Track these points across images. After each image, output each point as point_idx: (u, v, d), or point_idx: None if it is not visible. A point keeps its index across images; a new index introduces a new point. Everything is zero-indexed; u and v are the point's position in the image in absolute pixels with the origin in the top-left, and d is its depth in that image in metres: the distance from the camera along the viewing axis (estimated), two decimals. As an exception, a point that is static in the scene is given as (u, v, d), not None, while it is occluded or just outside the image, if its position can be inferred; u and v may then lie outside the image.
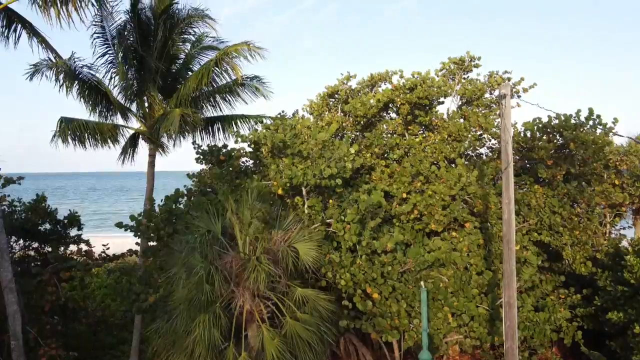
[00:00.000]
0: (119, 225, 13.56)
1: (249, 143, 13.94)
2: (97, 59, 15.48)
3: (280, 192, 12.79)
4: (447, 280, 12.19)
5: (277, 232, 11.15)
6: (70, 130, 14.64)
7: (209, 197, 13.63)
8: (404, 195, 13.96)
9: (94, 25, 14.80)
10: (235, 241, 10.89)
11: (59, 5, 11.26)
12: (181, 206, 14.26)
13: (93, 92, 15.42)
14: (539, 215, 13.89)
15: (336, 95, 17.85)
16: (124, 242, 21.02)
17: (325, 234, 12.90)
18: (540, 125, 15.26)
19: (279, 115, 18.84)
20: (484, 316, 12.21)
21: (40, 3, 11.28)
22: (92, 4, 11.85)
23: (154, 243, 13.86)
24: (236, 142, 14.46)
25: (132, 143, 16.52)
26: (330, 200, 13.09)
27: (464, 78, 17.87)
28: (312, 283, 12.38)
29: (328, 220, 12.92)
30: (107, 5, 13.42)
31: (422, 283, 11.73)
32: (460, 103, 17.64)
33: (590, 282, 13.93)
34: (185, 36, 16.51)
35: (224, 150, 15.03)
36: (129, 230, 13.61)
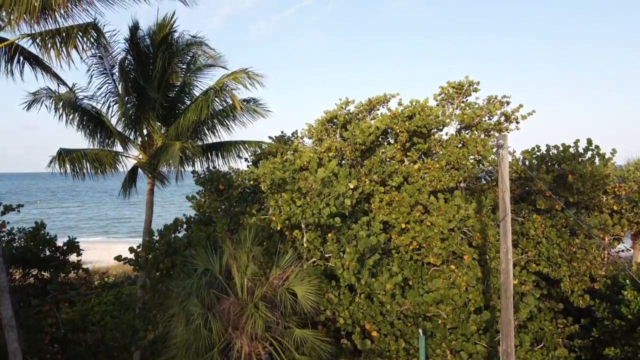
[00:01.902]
0: (118, 258, 13.59)
1: (248, 179, 13.95)
2: (96, 89, 15.51)
3: (279, 227, 12.81)
4: (445, 316, 12.20)
5: (276, 271, 11.18)
6: (69, 160, 14.63)
7: (207, 229, 13.63)
8: (403, 226, 13.96)
9: (93, 57, 14.79)
10: (234, 281, 10.92)
11: (58, 45, 11.24)
12: (180, 235, 14.26)
13: (93, 121, 15.42)
14: (537, 247, 13.92)
15: (335, 120, 17.88)
16: (126, 250, 21.12)
17: (324, 269, 12.90)
18: (538, 155, 15.30)
19: (278, 137, 18.93)
20: (482, 353, 12.23)
21: (40, 44, 11.26)
22: (91, 42, 11.80)
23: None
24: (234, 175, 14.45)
25: (132, 176, 16.47)
26: (329, 235, 13.09)
27: (463, 101, 17.87)
28: (311, 318, 12.38)
29: (327, 255, 12.93)
30: (106, 42, 13.35)
31: (420, 330, 11.73)
32: (459, 127, 17.65)
33: (589, 311, 13.94)
34: (184, 66, 16.47)
35: (223, 179, 15.03)
36: (127, 263, 13.65)
